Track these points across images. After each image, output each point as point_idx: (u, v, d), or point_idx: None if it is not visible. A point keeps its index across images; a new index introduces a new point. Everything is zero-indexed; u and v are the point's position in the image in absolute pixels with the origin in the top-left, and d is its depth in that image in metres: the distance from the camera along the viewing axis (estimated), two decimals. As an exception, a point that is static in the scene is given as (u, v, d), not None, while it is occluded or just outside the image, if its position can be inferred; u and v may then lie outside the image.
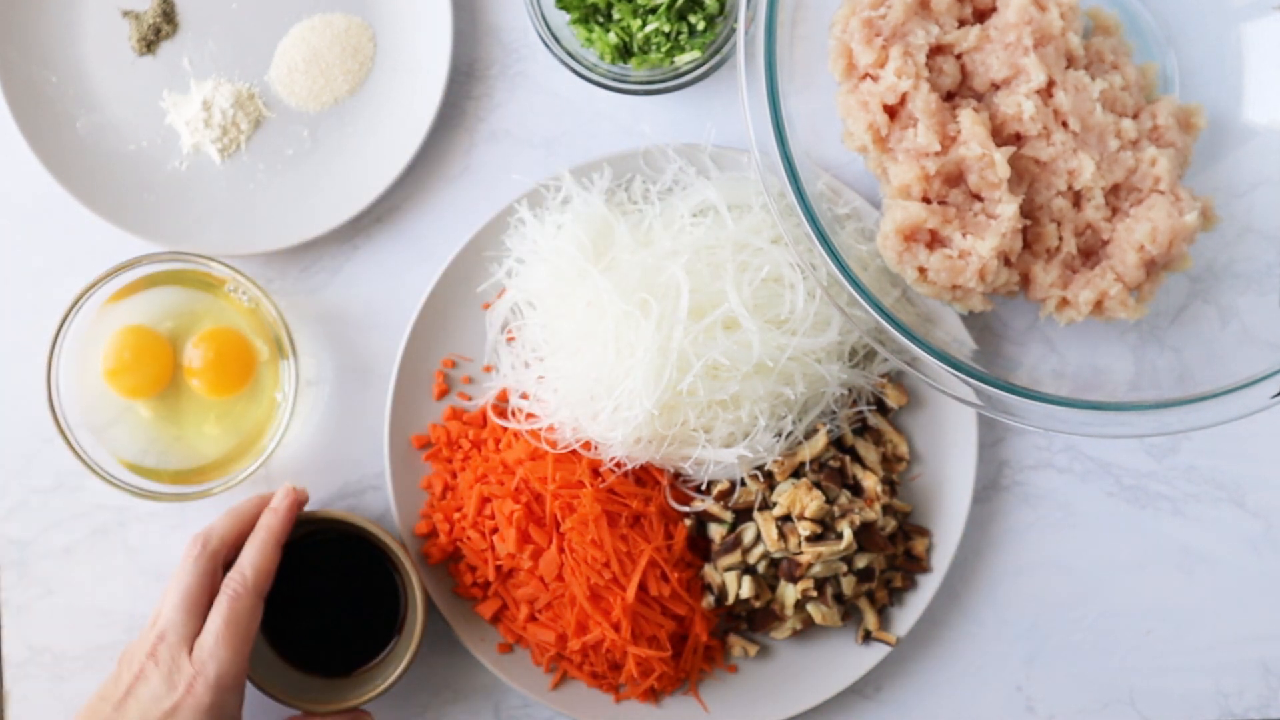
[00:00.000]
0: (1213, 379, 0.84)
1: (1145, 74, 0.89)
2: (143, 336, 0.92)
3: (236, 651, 0.82)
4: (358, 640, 0.92)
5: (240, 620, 0.82)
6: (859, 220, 0.91)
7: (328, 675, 0.91)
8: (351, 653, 0.92)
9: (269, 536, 0.86)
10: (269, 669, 0.89)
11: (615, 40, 0.91)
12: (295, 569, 0.89)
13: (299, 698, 0.89)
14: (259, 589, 0.84)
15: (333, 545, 0.92)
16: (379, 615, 0.92)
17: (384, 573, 0.92)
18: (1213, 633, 0.96)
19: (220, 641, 0.82)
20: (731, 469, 0.90)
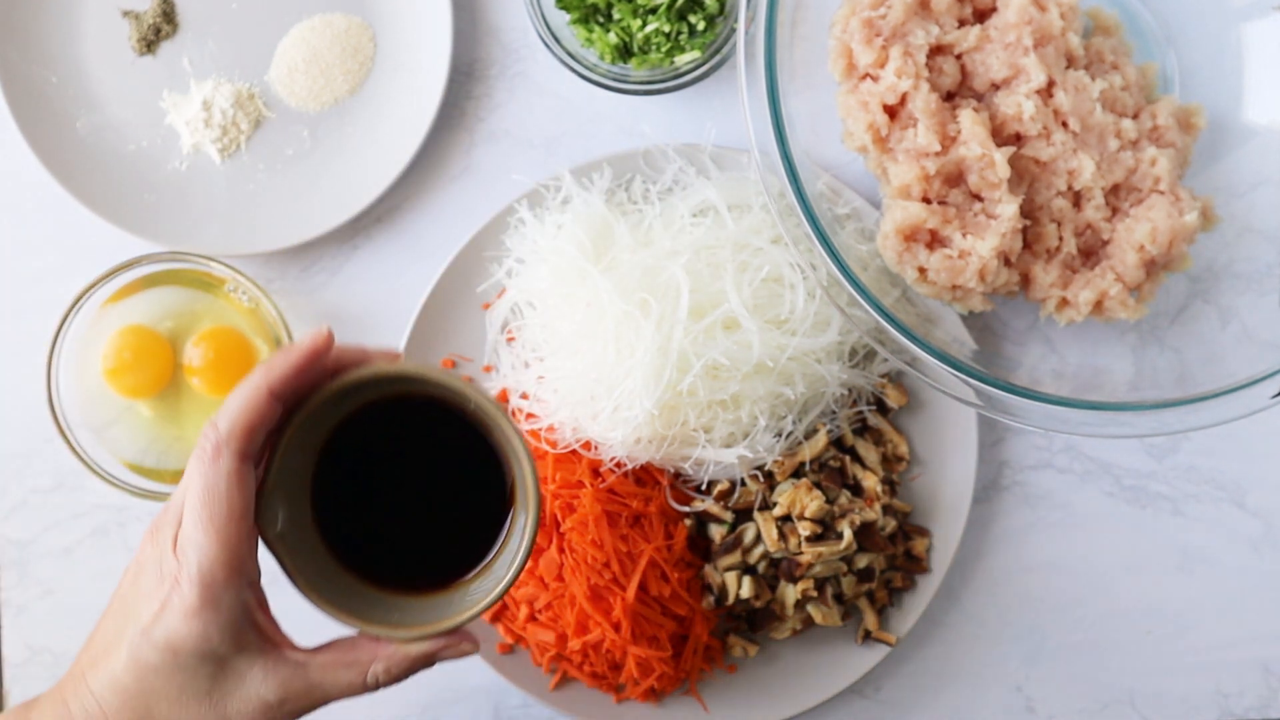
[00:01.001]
0: (1213, 379, 0.84)
1: (1145, 74, 0.89)
2: (143, 336, 0.92)
3: (219, 534, 0.62)
4: (441, 547, 0.70)
5: (214, 491, 0.62)
6: (859, 220, 0.91)
7: (409, 589, 0.69)
8: (430, 563, 0.70)
9: (261, 380, 0.63)
10: (316, 568, 0.67)
11: (615, 40, 0.91)
12: (367, 446, 0.69)
13: (353, 612, 0.67)
14: (238, 447, 0.62)
15: (416, 417, 0.68)
16: (472, 518, 0.70)
17: (487, 463, 0.69)
18: (1213, 633, 0.96)
19: (196, 522, 0.62)
20: (731, 469, 0.90)
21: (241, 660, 0.63)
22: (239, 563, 0.62)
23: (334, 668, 0.65)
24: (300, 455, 0.66)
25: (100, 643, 0.64)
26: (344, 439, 0.67)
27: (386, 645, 0.66)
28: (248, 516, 0.63)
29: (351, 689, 0.65)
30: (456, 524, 0.70)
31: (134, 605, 0.63)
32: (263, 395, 0.63)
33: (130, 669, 0.62)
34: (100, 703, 0.63)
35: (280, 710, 0.64)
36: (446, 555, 0.70)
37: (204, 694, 0.63)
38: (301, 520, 0.67)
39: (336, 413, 0.67)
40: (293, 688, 0.64)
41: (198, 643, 0.62)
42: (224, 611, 0.62)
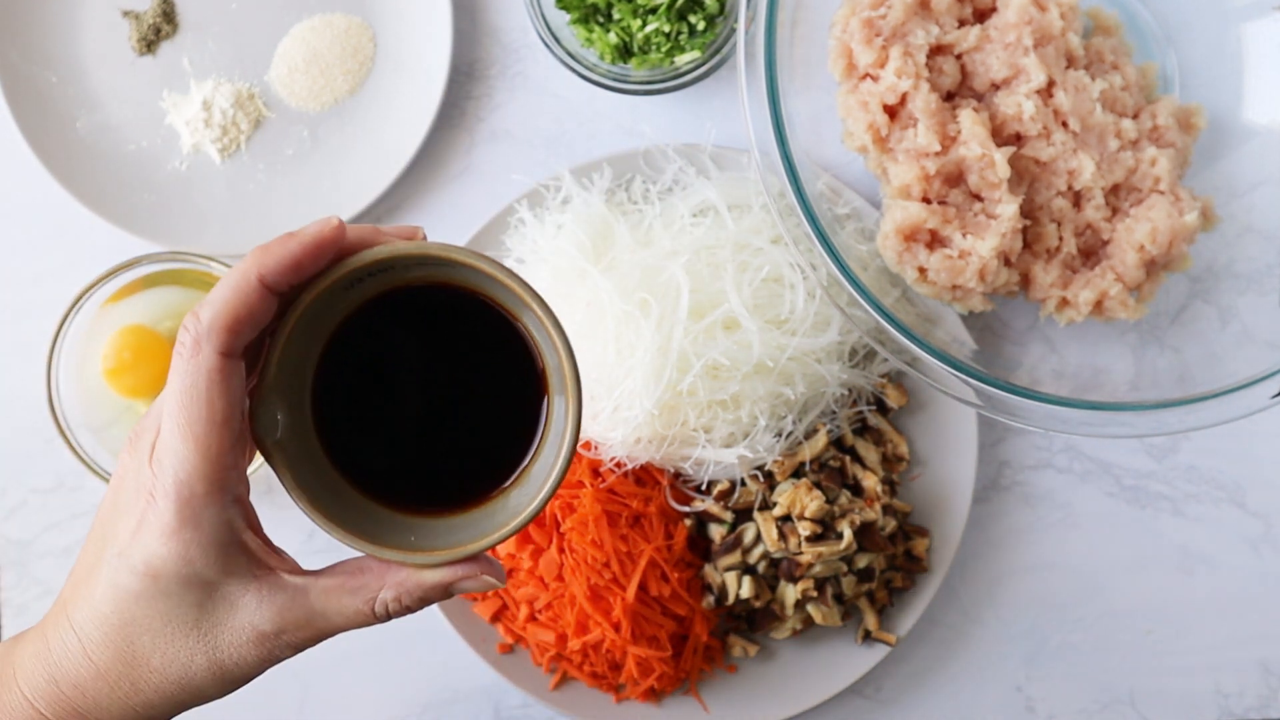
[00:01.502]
0: (1213, 379, 0.84)
1: (1145, 74, 0.89)
2: (143, 336, 0.92)
3: (201, 441, 0.53)
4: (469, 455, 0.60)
5: (195, 391, 0.53)
6: (859, 220, 0.91)
7: (426, 508, 0.59)
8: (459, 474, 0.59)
9: (252, 266, 0.53)
10: (339, 500, 0.57)
11: (615, 40, 0.91)
12: (377, 342, 0.58)
13: (386, 541, 0.56)
14: (221, 342, 0.53)
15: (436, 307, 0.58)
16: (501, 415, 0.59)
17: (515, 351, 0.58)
18: (1213, 633, 0.96)
19: (175, 429, 0.53)
20: (731, 469, 0.90)
21: (232, 585, 0.55)
22: (222, 475, 0.54)
23: (338, 594, 0.56)
24: (302, 351, 0.56)
25: (81, 569, 0.57)
26: (352, 333, 0.57)
27: (398, 570, 0.56)
28: (232, 422, 0.53)
29: (358, 618, 0.57)
30: (481, 431, 0.59)
31: (112, 525, 0.55)
32: (253, 285, 0.53)
33: (109, 597, 0.55)
34: (80, 637, 0.56)
35: (278, 641, 0.56)
36: (470, 467, 0.59)
37: (191, 624, 0.55)
38: (303, 427, 0.57)
39: (344, 302, 0.57)
40: (291, 616, 0.56)
41: (178, 565, 0.53)
42: (206, 530, 0.53)
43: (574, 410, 0.55)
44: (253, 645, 0.56)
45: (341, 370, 0.58)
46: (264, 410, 0.56)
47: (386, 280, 0.57)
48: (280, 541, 0.61)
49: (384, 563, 0.57)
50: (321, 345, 0.57)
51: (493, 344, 0.58)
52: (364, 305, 0.57)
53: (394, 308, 0.57)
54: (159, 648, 0.55)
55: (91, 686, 0.56)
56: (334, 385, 0.57)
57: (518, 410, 0.58)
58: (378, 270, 0.55)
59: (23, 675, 0.57)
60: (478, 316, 0.58)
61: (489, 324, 0.57)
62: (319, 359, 0.57)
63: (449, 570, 0.57)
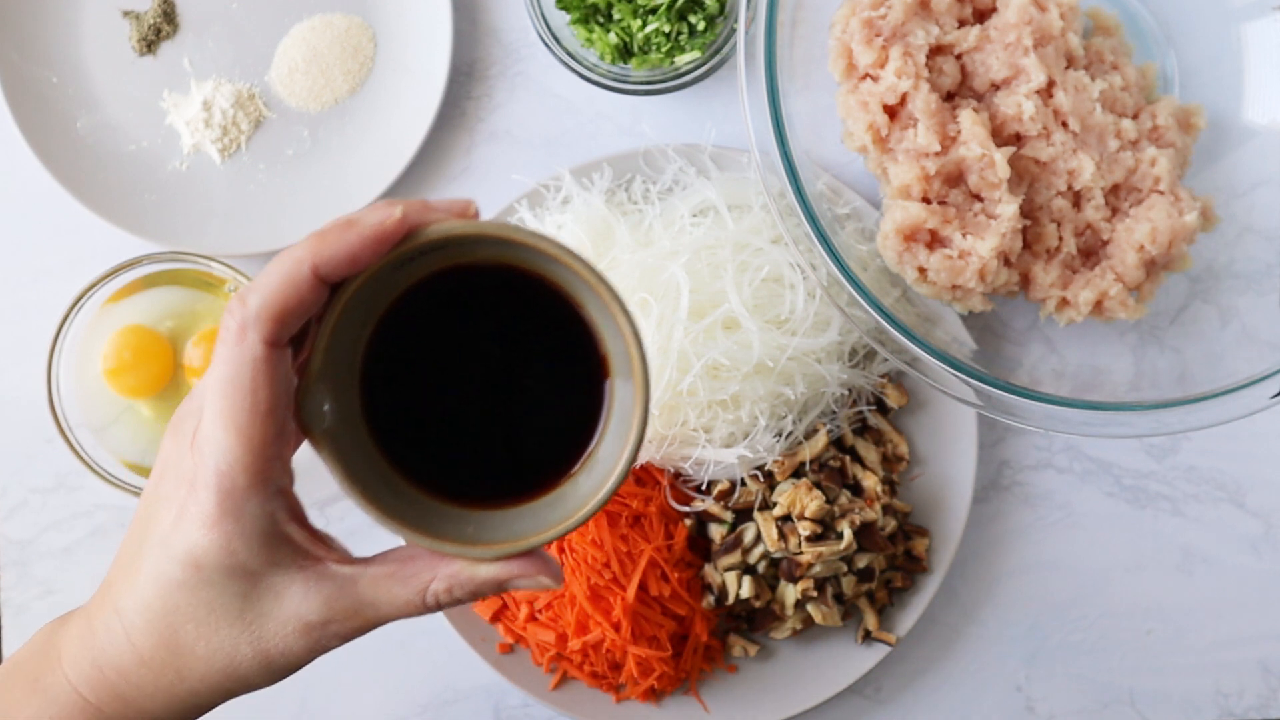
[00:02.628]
0: (1213, 379, 0.84)
1: (1145, 74, 0.89)
2: (143, 336, 0.92)
3: (243, 432, 0.51)
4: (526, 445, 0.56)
5: (239, 380, 0.51)
6: (859, 220, 0.91)
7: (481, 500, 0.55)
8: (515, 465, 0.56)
9: (306, 255, 0.51)
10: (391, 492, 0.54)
11: (615, 40, 0.91)
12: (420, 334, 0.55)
13: (443, 534, 0.54)
14: (268, 331, 0.51)
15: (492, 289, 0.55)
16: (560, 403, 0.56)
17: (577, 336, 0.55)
18: (1213, 633, 0.96)
19: (216, 418, 0.51)
20: (731, 469, 0.90)
21: (277, 576, 0.53)
22: (264, 466, 0.52)
23: (387, 583, 0.54)
24: (350, 336, 0.54)
25: (126, 552, 0.56)
26: (403, 316, 0.54)
27: (451, 560, 0.54)
28: (276, 412, 0.51)
29: (408, 608, 0.55)
30: (540, 418, 0.56)
31: (155, 511, 0.54)
32: (305, 275, 0.51)
33: (153, 584, 0.53)
34: (125, 623, 0.54)
35: (325, 631, 0.54)
36: (529, 456, 0.56)
37: (236, 614, 0.53)
38: (352, 415, 0.54)
39: (395, 283, 0.54)
40: (339, 606, 0.54)
41: (220, 556, 0.52)
42: (247, 522, 0.52)
43: (641, 395, 0.52)
44: (299, 635, 0.54)
45: (392, 355, 0.54)
46: (311, 399, 0.53)
47: (439, 260, 0.54)
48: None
49: (435, 553, 0.54)
50: (370, 329, 0.54)
51: (551, 327, 0.55)
52: (415, 286, 0.54)
53: (447, 289, 0.54)
54: (204, 636, 0.54)
55: (135, 673, 0.55)
56: (384, 371, 0.54)
57: (579, 396, 0.55)
58: (429, 250, 0.52)
59: (67, 659, 0.56)
60: (535, 298, 0.54)
61: (547, 305, 0.54)
62: (368, 343, 0.54)
63: (505, 565, 0.54)
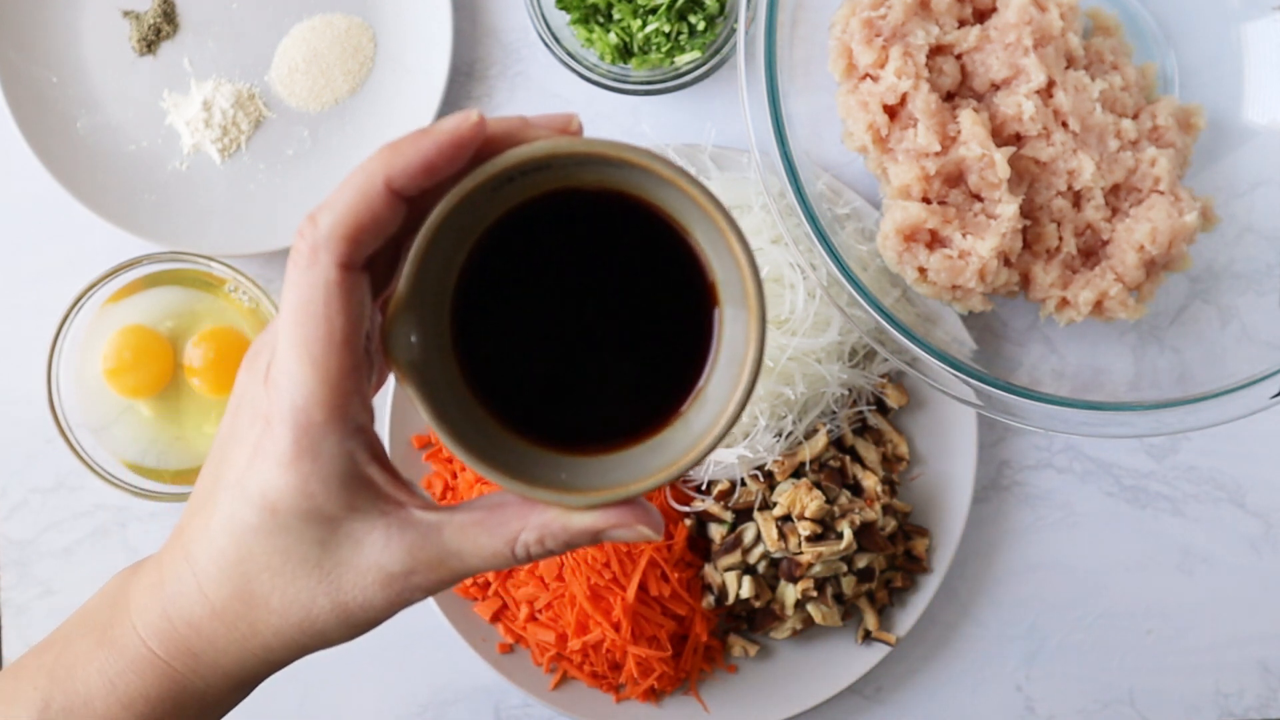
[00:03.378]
0: (1212, 379, 0.84)
1: (1145, 74, 0.89)
2: (143, 336, 0.92)
3: (318, 363, 0.47)
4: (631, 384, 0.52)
5: (313, 306, 0.47)
6: (859, 220, 0.91)
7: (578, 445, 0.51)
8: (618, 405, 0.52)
9: (379, 168, 0.47)
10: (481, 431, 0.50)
11: (615, 40, 0.91)
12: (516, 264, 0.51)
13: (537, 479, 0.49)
14: (340, 253, 0.46)
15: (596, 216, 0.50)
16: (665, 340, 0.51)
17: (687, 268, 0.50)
18: (1213, 633, 0.96)
19: (290, 348, 0.47)
20: (731, 469, 0.90)
21: (357, 522, 0.49)
22: (343, 401, 0.48)
23: (474, 531, 0.50)
24: (442, 263, 0.49)
25: (198, 498, 0.52)
26: (498, 243, 0.50)
27: (543, 509, 0.49)
28: (353, 342, 0.47)
29: (495, 559, 0.50)
30: (643, 357, 0.51)
31: (228, 452, 0.50)
32: (379, 189, 0.47)
33: (225, 530, 0.50)
34: (196, 572, 0.51)
35: (407, 583, 0.50)
36: (630, 397, 0.51)
37: (313, 563, 0.49)
38: (442, 349, 0.50)
39: (490, 206, 0.49)
40: (422, 555, 0.50)
41: (297, 499, 0.48)
42: (325, 462, 0.48)
43: (757, 325, 0.47)
44: (380, 587, 0.50)
45: (486, 286, 0.50)
46: (398, 330, 0.48)
47: (539, 182, 0.49)
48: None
49: (525, 500, 0.50)
50: (464, 256, 0.50)
51: (658, 257, 0.50)
52: (513, 211, 0.49)
53: (547, 214, 0.50)
54: (278, 587, 0.50)
55: (207, 625, 0.51)
56: (477, 303, 0.50)
57: (687, 329, 0.50)
58: (530, 170, 0.48)
59: (136, 609, 0.52)
60: (640, 224, 0.50)
61: (654, 234, 0.50)
62: (460, 271, 0.50)
63: (603, 515, 0.49)
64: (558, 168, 0.48)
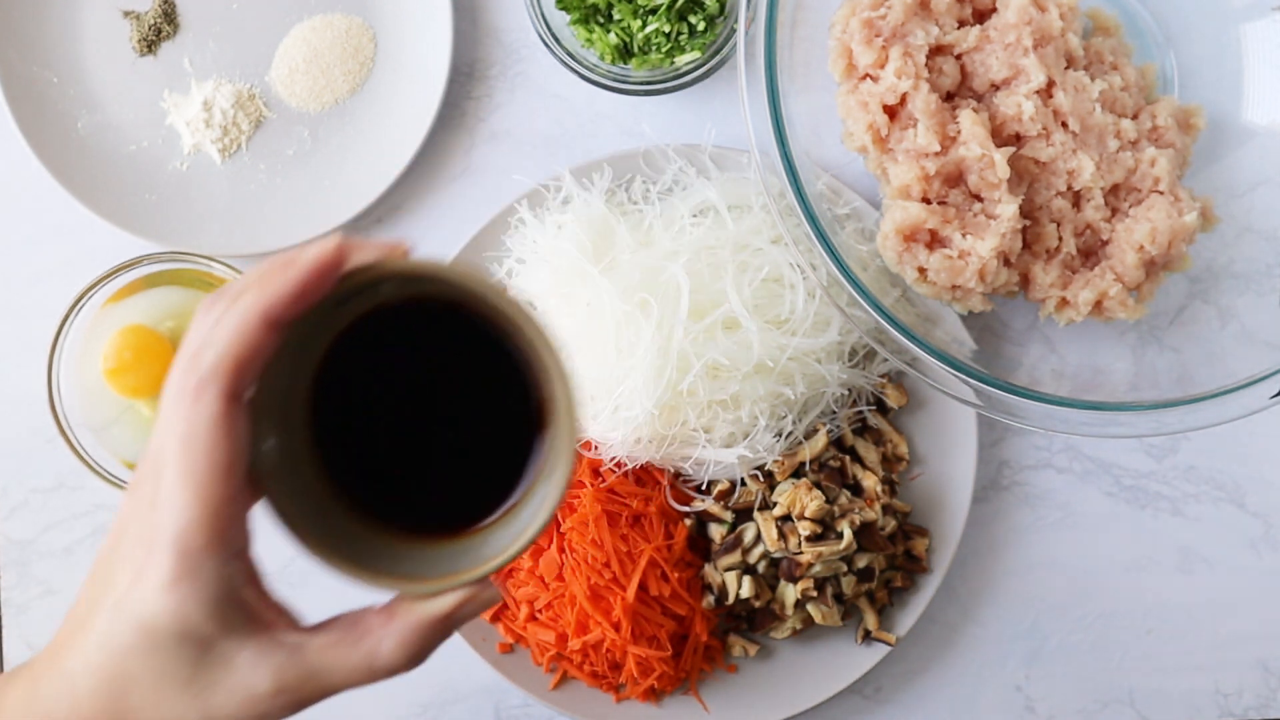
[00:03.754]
0: (1212, 379, 0.84)
1: (1145, 75, 0.89)
2: (143, 336, 0.92)
3: (203, 491, 0.50)
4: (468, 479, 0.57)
5: (197, 438, 0.50)
6: (859, 220, 0.91)
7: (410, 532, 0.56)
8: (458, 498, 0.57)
9: (255, 304, 0.50)
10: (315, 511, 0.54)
11: (615, 41, 0.91)
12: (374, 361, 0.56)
13: (359, 562, 0.53)
14: (225, 386, 0.50)
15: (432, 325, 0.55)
16: (499, 439, 0.57)
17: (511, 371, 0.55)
18: (1213, 633, 0.96)
19: (176, 478, 0.50)
20: (731, 469, 0.90)
21: (228, 643, 0.52)
22: (223, 526, 0.51)
23: (335, 649, 0.53)
24: (291, 374, 0.53)
25: (78, 614, 0.54)
26: (344, 355, 0.54)
27: (396, 619, 0.53)
28: (235, 470, 0.51)
29: (357, 674, 0.53)
30: (478, 455, 0.56)
31: (111, 572, 0.52)
32: (255, 323, 0.50)
33: (102, 647, 0.52)
34: (72, 685, 0.52)
35: (274, 702, 0.52)
36: (469, 491, 0.56)
37: (185, 681, 0.52)
38: (295, 453, 0.54)
39: (335, 320, 0.54)
40: (288, 676, 0.53)
41: (174, 620, 0.51)
42: (203, 585, 0.51)
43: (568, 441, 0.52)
44: (247, 706, 0.52)
45: (334, 394, 0.55)
46: (253, 435, 0.52)
47: (378, 297, 0.53)
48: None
49: (383, 613, 0.54)
50: (313, 368, 0.54)
51: (490, 363, 0.55)
52: (355, 323, 0.54)
53: (388, 326, 0.54)
54: (150, 703, 0.52)
55: None
56: (327, 409, 0.55)
57: (517, 431, 0.55)
58: (368, 287, 0.52)
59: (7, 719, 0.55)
60: (477, 334, 0.54)
61: (488, 342, 0.54)
62: (312, 381, 0.55)
63: (449, 598, 0.53)
64: (394, 285, 0.52)
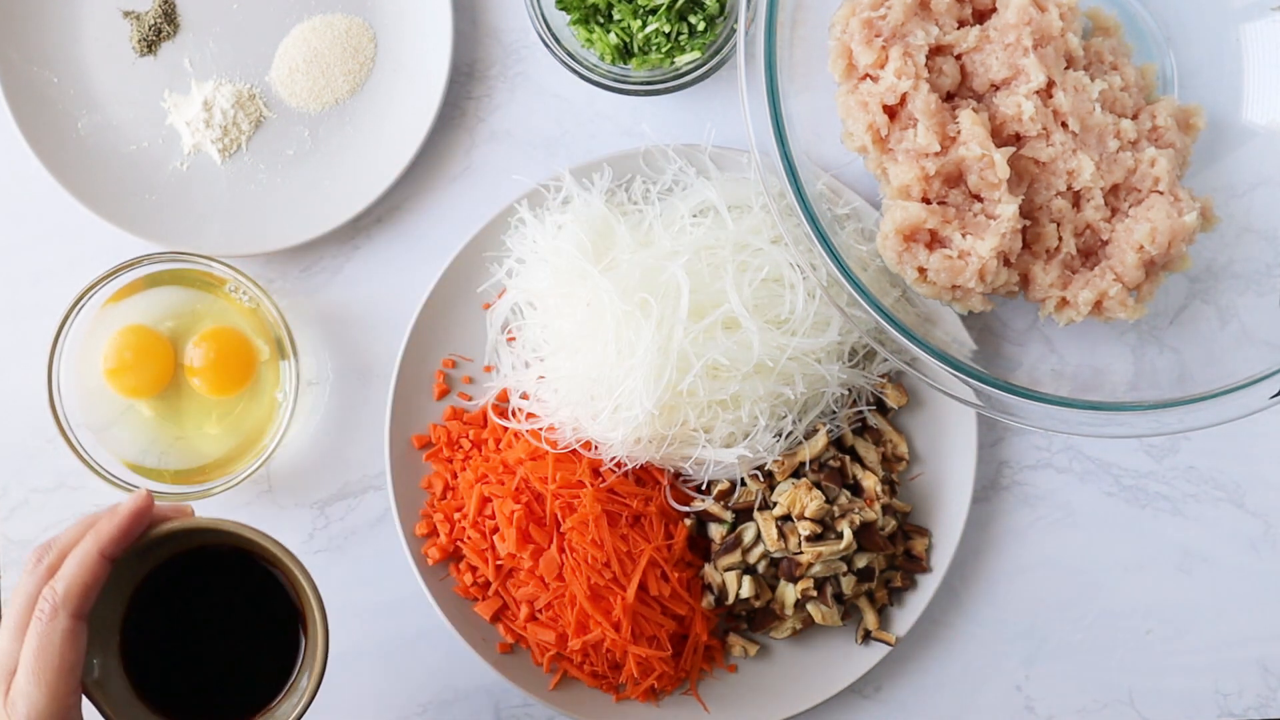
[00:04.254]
0: (1212, 379, 0.84)
1: (1145, 75, 0.89)
2: (144, 336, 0.92)
3: (51, 688, 0.68)
4: (239, 685, 0.78)
5: (49, 649, 0.68)
6: (859, 220, 0.91)
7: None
8: (230, 699, 0.78)
9: (92, 544, 0.71)
10: (128, 712, 0.75)
11: (615, 41, 0.91)
12: (173, 592, 0.77)
13: None
14: (74, 608, 0.69)
15: (223, 566, 0.77)
16: (268, 656, 0.78)
17: (281, 604, 0.78)
18: (1212, 633, 0.96)
19: (30, 677, 0.68)
20: (731, 469, 0.90)
21: None
22: (65, 713, 0.69)
23: None
24: (110, 606, 0.74)
25: None
26: (151, 588, 0.76)
27: None
28: (76, 671, 0.69)
29: None
30: (254, 660, 0.78)
31: None
32: (95, 558, 0.71)
33: None
34: None
35: None
36: (246, 689, 0.77)
37: None
38: (115, 668, 0.75)
39: (141, 565, 0.75)
40: None
41: None
42: None
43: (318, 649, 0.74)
44: None
45: (144, 618, 0.75)
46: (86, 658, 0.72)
47: (175, 546, 0.75)
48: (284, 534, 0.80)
49: None
50: (125, 602, 0.75)
51: (263, 590, 0.77)
52: (158, 567, 0.75)
53: (185, 566, 0.76)
54: None
55: None
56: (138, 631, 0.75)
57: (284, 642, 0.77)
58: (162, 541, 0.74)
59: None
60: (251, 567, 0.76)
61: (260, 573, 0.77)
62: (124, 611, 0.75)
63: None
64: (183, 538, 0.74)
